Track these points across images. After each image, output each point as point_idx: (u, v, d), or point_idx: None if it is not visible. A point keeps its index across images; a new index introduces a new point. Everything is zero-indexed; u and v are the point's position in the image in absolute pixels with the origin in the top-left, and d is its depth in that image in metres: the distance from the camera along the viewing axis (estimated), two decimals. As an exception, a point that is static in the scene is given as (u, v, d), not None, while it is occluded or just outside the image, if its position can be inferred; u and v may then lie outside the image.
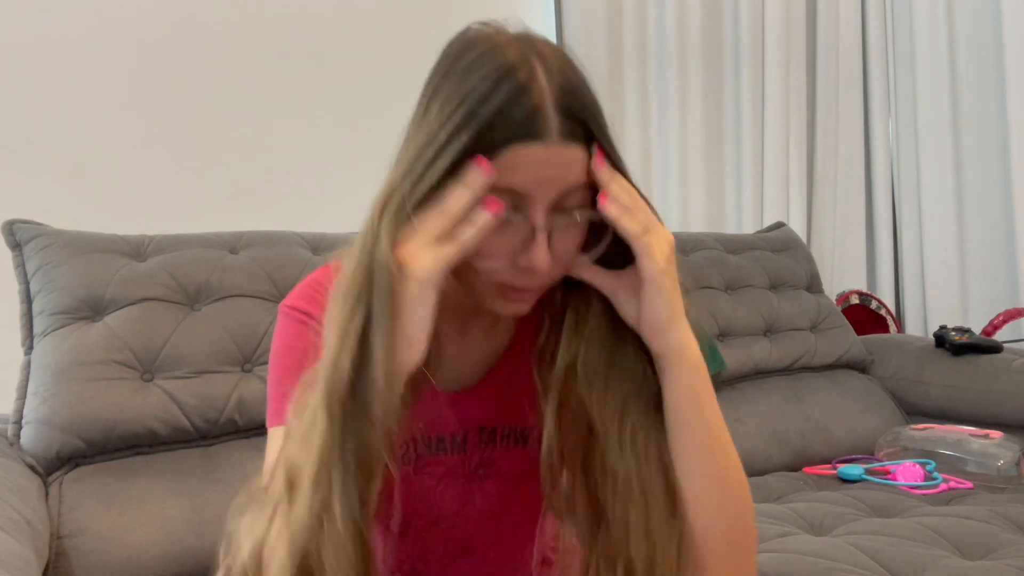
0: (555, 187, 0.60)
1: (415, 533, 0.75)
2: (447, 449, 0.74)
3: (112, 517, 1.12)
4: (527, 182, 0.59)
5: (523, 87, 0.59)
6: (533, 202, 0.60)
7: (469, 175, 0.58)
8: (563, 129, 0.60)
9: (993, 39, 2.34)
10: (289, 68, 1.94)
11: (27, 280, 1.26)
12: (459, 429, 0.74)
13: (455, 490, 0.74)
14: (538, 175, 0.59)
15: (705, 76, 2.42)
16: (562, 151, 0.60)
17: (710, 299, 1.88)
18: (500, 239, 0.60)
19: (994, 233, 2.38)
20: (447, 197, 0.58)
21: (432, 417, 0.73)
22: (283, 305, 0.73)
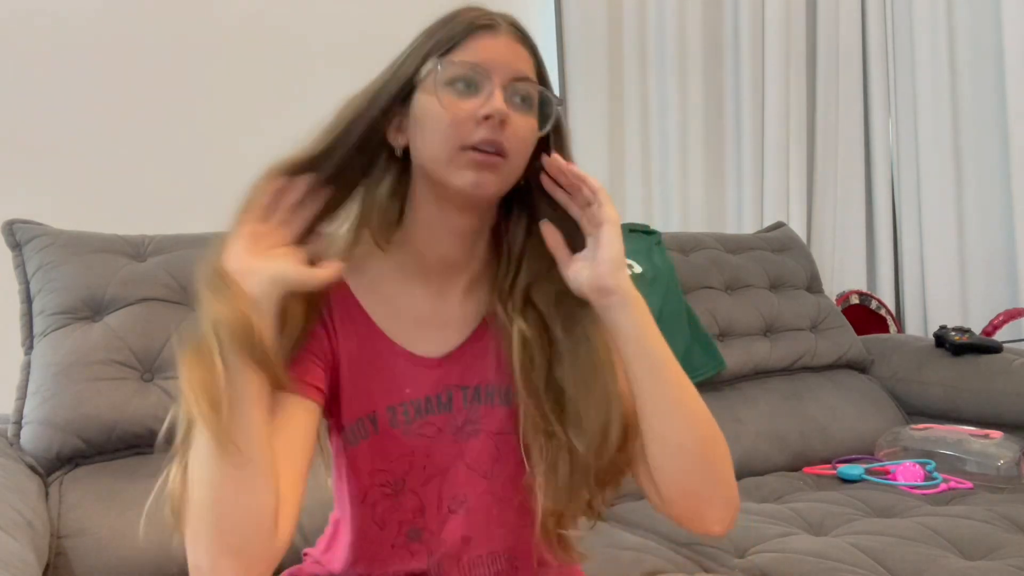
0: (508, 68, 0.74)
1: (411, 490, 0.79)
2: (434, 410, 0.79)
3: (112, 517, 1.12)
4: (484, 57, 0.73)
5: (480, 12, 0.76)
6: (491, 74, 0.73)
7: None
8: (512, 33, 0.76)
9: (993, 40, 2.34)
10: (290, 68, 1.94)
11: (27, 280, 1.26)
12: (445, 390, 0.79)
13: (445, 447, 0.79)
14: (493, 54, 0.74)
15: (705, 76, 2.43)
16: (512, 43, 0.75)
17: (710, 299, 1.88)
18: (467, 103, 0.72)
19: (994, 233, 2.38)
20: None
21: (418, 382, 0.79)
22: None
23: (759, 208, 2.49)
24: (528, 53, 0.76)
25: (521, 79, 0.75)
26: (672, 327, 1.74)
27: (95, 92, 1.73)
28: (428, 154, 0.74)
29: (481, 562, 0.81)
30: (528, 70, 0.76)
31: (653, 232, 1.93)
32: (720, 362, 1.76)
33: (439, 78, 0.73)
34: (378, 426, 0.78)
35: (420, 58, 0.75)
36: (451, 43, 0.74)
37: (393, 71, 0.77)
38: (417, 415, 0.78)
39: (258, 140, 1.91)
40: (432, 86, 0.73)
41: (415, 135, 0.76)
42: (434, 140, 0.73)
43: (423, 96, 0.74)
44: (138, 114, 1.77)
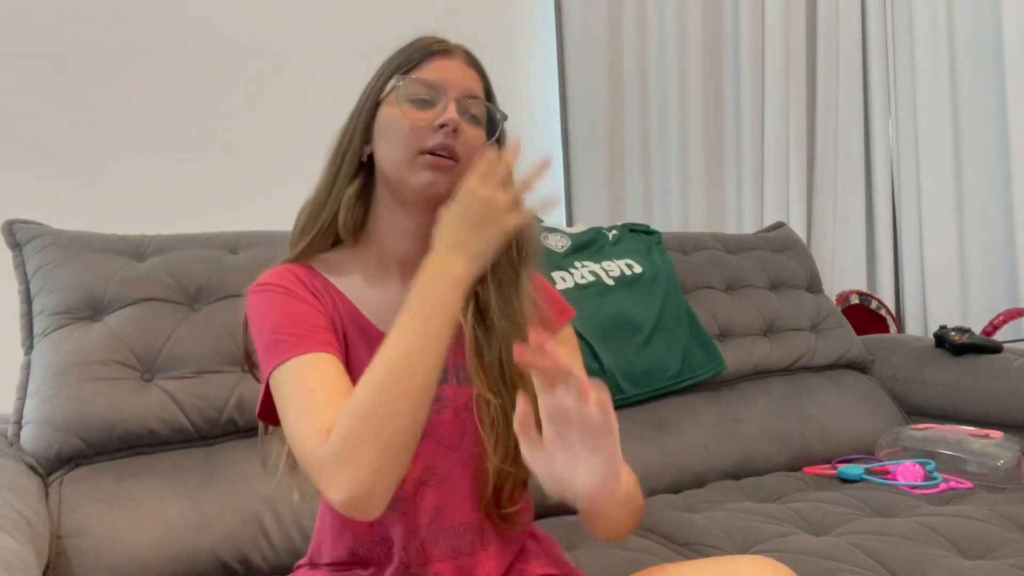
0: (460, 87, 0.86)
1: None
2: None
3: (112, 517, 1.12)
4: (440, 76, 0.86)
5: (433, 39, 0.89)
6: (446, 90, 0.85)
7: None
8: (465, 58, 0.89)
9: (993, 39, 2.34)
10: (291, 68, 1.94)
11: (27, 280, 1.26)
12: None
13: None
14: (447, 74, 0.86)
15: (705, 76, 2.43)
16: (464, 66, 0.88)
17: (710, 299, 1.88)
18: (425, 114, 0.84)
19: (994, 233, 2.38)
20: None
21: None
22: (248, 290, 0.87)
23: (759, 208, 2.49)
24: (478, 75, 0.90)
25: (472, 96, 0.87)
26: (672, 327, 1.74)
27: (95, 92, 1.73)
28: (390, 158, 0.85)
29: (452, 532, 0.86)
30: (478, 90, 0.88)
31: (653, 232, 1.93)
32: (720, 362, 1.76)
33: (401, 93, 0.85)
34: None
35: (385, 78, 0.88)
36: (411, 64, 0.87)
37: (364, 94, 0.90)
38: None
39: (258, 140, 1.91)
40: (395, 100, 0.86)
41: (379, 143, 0.87)
42: (396, 145, 0.84)
43: (387, 109, 0.87)
44: (138, 114, 1.78)
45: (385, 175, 0.86)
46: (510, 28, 2.29)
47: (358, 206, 0.88)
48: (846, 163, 2.60)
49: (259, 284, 0.85)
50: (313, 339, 0.79)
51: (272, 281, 0.85)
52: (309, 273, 0.88)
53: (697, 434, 1.64)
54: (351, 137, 0.89)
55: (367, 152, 0.88)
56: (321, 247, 0.90)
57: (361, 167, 0.89)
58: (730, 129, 2.50)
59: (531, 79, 2.31)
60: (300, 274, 0.86)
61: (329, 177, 0.90)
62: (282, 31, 1.94)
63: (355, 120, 0.89)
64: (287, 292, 0.83)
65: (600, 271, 1.75)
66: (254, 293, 0.85)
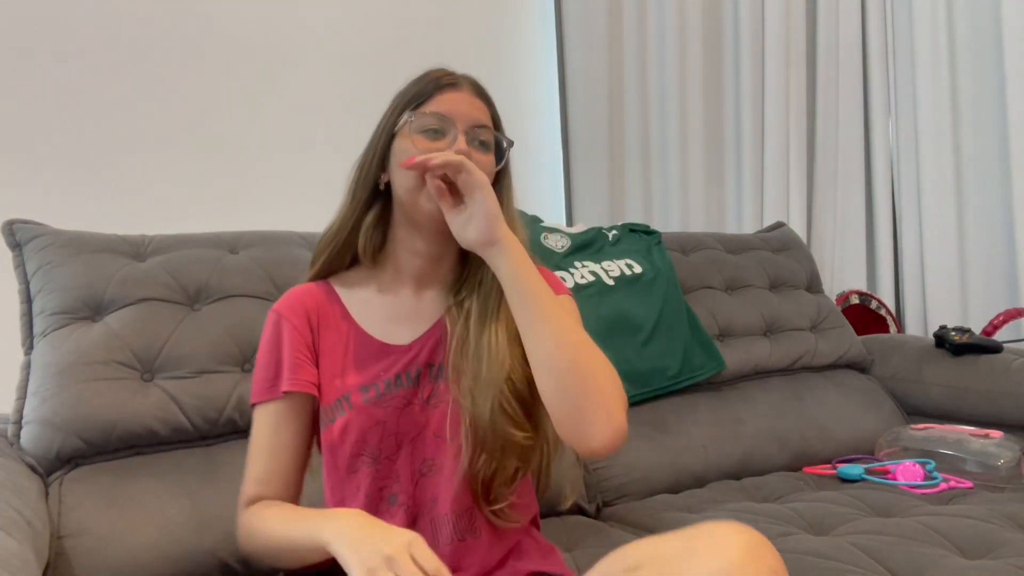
0: (469, 117, 0.94)
1: (386, 458, 0.94)
2: (403, 384, 0.95)
3: (112, 517, 1.12)
4: (450, 109, 0.93)
5: (442, 72, 0.97)
6: (455, 122, 0.93)
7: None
8: (472, 89, 0.97)
9: (993, 39, 2.34)
10: (292, 69, 1.94)
11: (27, 280, 1.26)
12: (413, 368, 0.95)
13: (413, 417, 0.94)
14: (456, 107, 0.94)
15: (705, 76, 2.43)
16: (472, 97, 0.96)
17: (710, 299, 1.88)
18: (436, 144, 0.92)
19: (994, 233, 2.38)
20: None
21: (388, 364, 0.95)
22: (271, 309, 0.99)
23: (759, 208, 2.49)
24: (485, 105, 0.97)
25: (480, 126, 0.94)
26: (672, 327, 1.74)
27: (95, 92, 1.73)
28: (404, 187, 0.93)
29: (447, 520, 0.92)
30: (485, 119, 0.96)
31: (653, 232, 1.93)
32: (720, 362, 1.76)
33: (412, 126, 0.93)
34: (351, 403, 0.93)
35: (397, 112, 0.96)
36: (422, 98, 0.95)
37: (380, 126, 0.98)
38: (387, 390, 0.94)
39: (259, 141, 1.91)
40: (408, 132, 0.93)
41: (394, 173, 0.95)
42: (408, 176, 0.92)
43: (400, 141, 0.94)
44: (139, 114, 1.78)
45: (400, 201, 0.95)
46: (510, 28, 2.29)
47: (376, 230, 0.98)
48: (846, 163, 2.60)
49: (273, 310, 0.99)
50: (278, 382, 0.94)
51: (280, 311, 0.98)
52: (322, 294, 0.99)
53: (697, 434, 1.64)
54: (368, 167, 0.96)
55: (384, 181, 0.96)
56: (340, 267, 1.01)
57: (378, 194, 0.97)
58: (730, 129, 2.50)
59: (531, 79, 2.31)
60: (308, 301, 0.98)
61: (350, 204, 0.98)
62: (284, 32, 1.94)
63: (371, 151, 0.97)
64: (287, 324, 0.96)
65: (600, 271, 1.75)
66: (269, 314, 0.99)
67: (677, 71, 2.38)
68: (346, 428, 0.93)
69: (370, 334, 0.97)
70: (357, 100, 2.02)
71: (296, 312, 0.97)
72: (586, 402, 0.85)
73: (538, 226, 1.83)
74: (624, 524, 1.38)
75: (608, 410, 0.85)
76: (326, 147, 1.98)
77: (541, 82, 2.33)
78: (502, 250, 0.89)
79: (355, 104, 2.03)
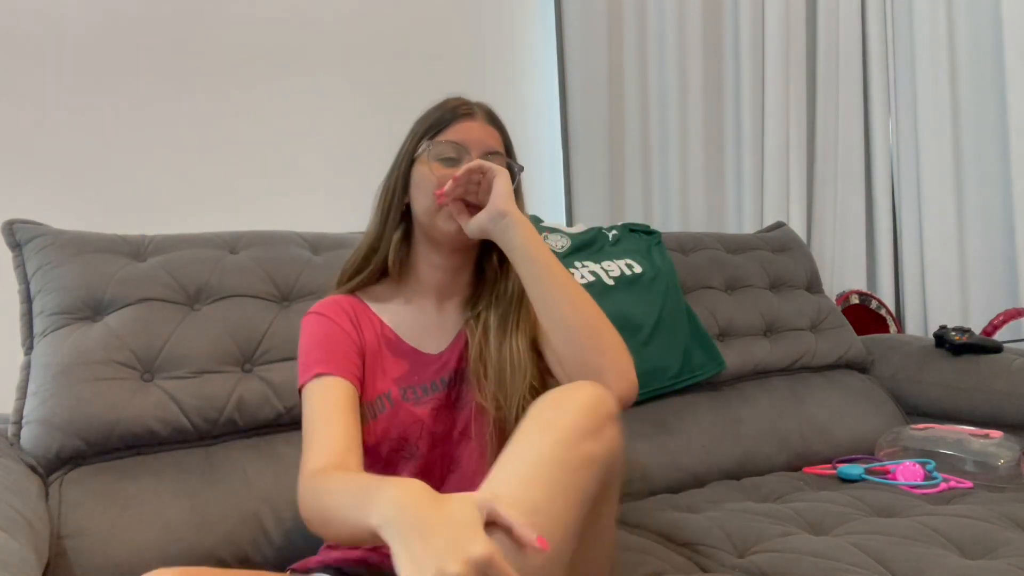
0: (482, 145, 1.02)
1: (420, 456, 1.02)
2: (435, 389, 1.03)
3: (112, 517, 1.12)
4: (463, 137, 1.02)
5: (462, 102, 1.06)
6: (469, 149, 1.01)
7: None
8: (486, 117, 1.06)
9: (993, 39, 2.34)
10: (291, 69, 1.94)
11: (27, 280, 1.26)
12: (444, 374, 1.04)
13: (445, 419, 1.03)
14: (469, 135, 1.02)
15: (705, 76, 2.43)
16: (486, 125, 1.04)
17: (710, 299, 1.88)
18: (452, 170, 0.99)
19: (994, 233, 2.38)
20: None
21: (423, 371, 1.04)
22: (304, 315, 1.05)
23: (759, 208, 2.49)
24: (498, 133, 1.06)
25: (492, 152, 1.03)
26: (672, 327, 1.74)
27: (95, 92, 1.73)
28: (423, 209, 1.02)
29: None
30: (498, 145, 1.04)
31: (653, 232, 1.93)
32: (720, 362, 1.76)
33: (430, 154, 1.02)
34: (393, 400, 1.01)
35: (417, 139, 1.04)
36: (439, 126, 1.03)
37: (401, 152, 1.06)
38: (424, 394, 1.02)
39: (258, 141, 1.91)
40: (425, 159, 1.02)
41: (414, 196, 1.04)
42: (426, 198, 1.01)
43: (419, 167, 1.03)
44: (138, 114, 1.78)
45: (420, 222, 1.04)
46: (510, 28, 2.29)
47: (403, 247, 1.07)
48: (846, 163, 2.60)
49: (312, 312, 1.04)
50: (332, 363, 0.97)
51: (321, 311, 1.03)
52: (355, 303, 1.06)
53: (697, 434, 1.64)
54: (393, 191, 1.05)
55: (406, 202, 1.05)
56: (369, 282, 1.09)
57: (403, 215, 1.06)
58: (730, 129, 2.50)
59: (531, 79, 2.31)
60: (345, 305, 1.05)
61: (378, 225, 1.06)
62: (284, 32, 1.94)
63: (394, 176, 1.05)
64: (330, 320, 1.02)
65: (600, 271, 1.75)
66: (307, 316, 1.04)
67: (677, 71, 2.38)
68: (390, 423, 0.99)
69: (406, 341, 1.05)
70: (359, 100, 2.02)
71: (338, 313, 1.03)
72: (601, 359, 0.94)
73: (538, 226, 1.83)
74: (624, 524, 1.38)
75: (620, 365, 0.95)
76: (327, 147, 1.98)
77: (541, 82, 2.33)
78: (513, 223, 0.97)
79: (357, 104, 2.03)
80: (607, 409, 0.82)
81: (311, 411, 0.95)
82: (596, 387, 0.84)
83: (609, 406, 0.83)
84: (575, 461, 0.76)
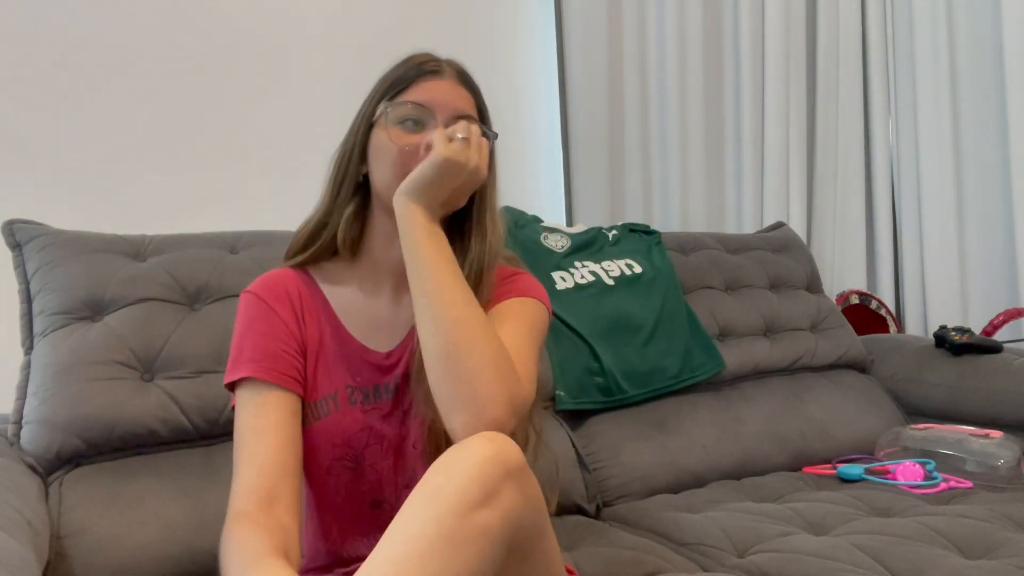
0: (450, 108, 0.88)
1: (370, 466, 0.91)
2: (382, 395, 0.92)
3: (112, 517, 1.12)
4: (429, 98, 0.88)
5: (428, 58, 0.92)
6: (434, 112, 0.88)
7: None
8: (454, 76, 0.91)
9: (993, 40, 2.34)
10: (292, 70, 1.94)
11: (27, 280, 1.26)
12: (390, 378, 0.92)
13: (395, 427, 0.91)
14: (436, 95, 0.88)
15: (705, 76, 2.43)
16: (455, 86, 0.90)
17: (710, 299, 1.88)
18: (413, 137, 0.88)
19: (994, 233, 2.38)
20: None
21: (369, 372, 0.92)
22: (243, 291, 0.93)
23: (759, 208, 2.49)
24: (469, 94, 0.92)
25: (463, 116, 0.89)
26: (672, 327, 1.74)
27: (95, 92, 1.73)
28: (382, 181, 0.89)
29: None
30: (469, 108, 0.90)
31: (653, 232, 1.93)
32: (720, 362, 1.76)
33: (389, 117, 0.89)
34: (339, 404, 0.90)
35: (375, 100, 0.91)
36: (401, 85, 0.90)
37: (358, 115, 0.93)
38: (367, 400, 0.91)
39: (258, 141, 1.91)
40: (384, 123, 0.89)
41: (372, 165, 0.91)
42: (385, 169, 0.88)
43: (378, 132, 0.90)
44: (138, 114, 1.78)
45: (379, 195, 0.91)
46: (510, 28, 2.29)
47: (355, 223, 0.93)
48: (846, 163, 2.60)
49: (251, 290, 0.93)
50: (265, 363, 0.87)
51: (261, 294, 0.92)
52: (304, 282, 0.95)
53: (697, 434, 1.64)
54: (348, 159, 0.93)
55: (363, 172, 0.92)
56: (320, 259, 0.96)
57: (359, 186, 0.93)
58: (730, 129, 2.50)
59: (531, 79, 2.31)
60: (291, 287, 0.93)
61: (330, 197, 0.94)
62: (283, 33, 1.94)
63: (350, 142, 0.93)
64: (268, 308, 0.91)
65: (600, 271, 1.75)
66: (244, 295, 0.93)
67: (677, 71, 2.38)
68: (334, 428, 0.89)
69: (353, 335, 0.93)
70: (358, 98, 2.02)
71: (279, 299, 0.91)
72: (453, 388, 0.77)
73: (538, 226, 1.83)
74: (624, 524, 1.38)
75: (488, 391, 0.76)
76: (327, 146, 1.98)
77: (541, 82, 2.33)
78: (404, 206, 0.84)
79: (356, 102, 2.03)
80: (504, 468, 0.69)
81: (241, 427, 0.86)
82: (491, 442, 0.71)
83: (508, 462, 0.70)
84: (463, 535, 0.65)
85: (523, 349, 0.85)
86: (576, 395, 1.59)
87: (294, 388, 0.88)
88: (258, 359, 0.87)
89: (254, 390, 0.86)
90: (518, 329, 0.87)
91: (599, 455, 1.55)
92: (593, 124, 2.31)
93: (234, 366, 0.88)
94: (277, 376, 0.86)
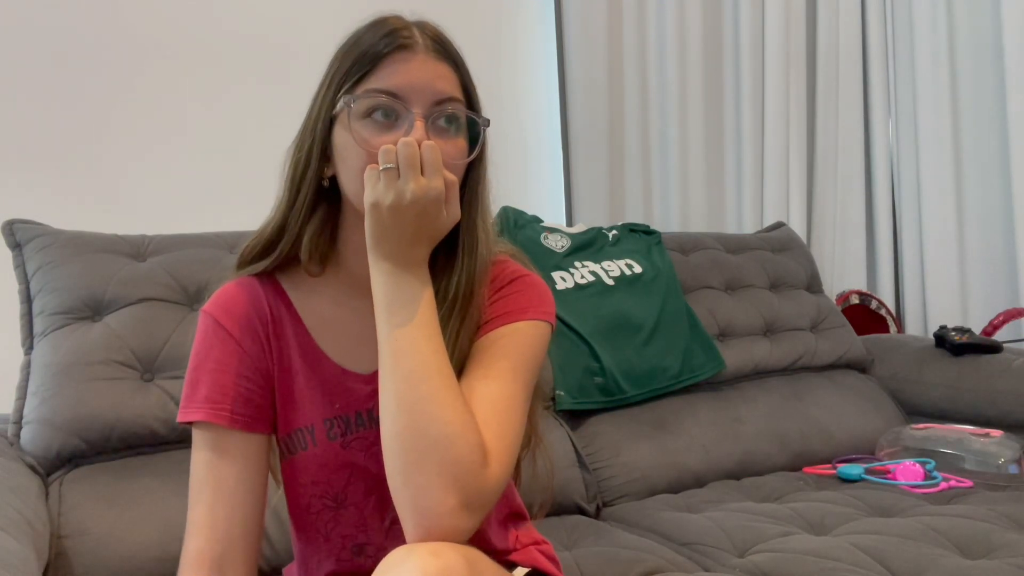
0: (428, 92, 0.71)
1: (352, 504, 0.80)
2: (365, 424, 0.79)
3: (112, 517, 1.12)
4: (401, 82, 0.70)
5: (395, 27, 0.73)
6: (409, 102, 0.70)
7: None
8: (430, 48, 0.73)
9: (993, 40, 2.34)
10: (293, 69, 1.94)
11: (27, 280, 1.26)
12: (375, 403, 0.74)
13: (379, 459, 0.73)
14: (410, 77, 0.71)
15: (705, 76, 2.43)
16: (432, 61, 0.72)
17: (710, 299, 1.88)
18: (385, 137, 0.70)
19: (994, 233, 2.38)
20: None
21: (350, 396, 0.79)
22: (201, 309, 0.81)
23: (759, 208, 2.49)
24: (450, 69, 0.74)
25: (444, 100, 0.72)
26: (672, 327, 1.74)
27: (96, 92, 1.73)
28: (350, 188, 0.73)
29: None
30: (451, 89, 0.73)
31: (653, 232, 1.93)
32: (720, 362, 1.76)
33: (353, 113, 0.71)
34: (316, 439, 0.79)
35: (335, 89, 0.73)
36: (364, 69, 0.72)
37: (313, 105, 0.76)
38: (350, 430, 0.79)
39: (257, 141, 1.91)
40: (347, 121, 0.72)
41: (339, 168, 0.74)
42: (353, 176, 0.72)
43: (340, 130, 0.73)
44: (139, 114, 1.77)
45: (350, 201, 0.75)
46: (510, 28, 2.29)
47: (322, 237, 0.78)
48: (846, 163, 2.60)
49: (209, 311, 0.80)
50: (224, 404, 0.76)
51: (220, 318, 0.79)
52: (271, 293, 0.81)
53: (697, 434, 1.64)
54: (307, 160, 0.75)
55: (328, 174, 0.76)
56: (284, 266, 0.82)
57: (322, 190, 0.77)
58: (730, 129, 2.50)
59: (531, 79, 2.31)
60: (257, 305, 0.80)
61: (286, 204, 0.77)
62: (283, 32, 1.94)
63: (308, 140, 0.75)
64: (226, 335, 0.78)
65: (600, 271, 1.75)
66: (202, 314, 0.80)
67: (677, 71, 2.38)
68: (310, 464, 0.79)
69: (329, 356, 0.80)
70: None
71: (240, 322, 0.78)
72: (404, 495, 0.66)
73: (538, 226, 1.83)
74: (624, 524, 1.38)
75: (431, 515, 0.64)
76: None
77: (541, 82, 2.33)
78: (373, 265, 0.71)
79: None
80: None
81: (197, 474, 0.76)
82: (435, 557, 0.61)
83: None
84: None
85: (510, 400, 0.73)
86: (576, 395, 1.59)
87: (258, 429, 0.77)
88: (216, 399, 0.76)
89: (212, 434, 0.76)
90: (504, 373, 0.74)
91: (599, 455, 1.55)
92: (593, 124, 2.31)
93: (187, 404, 0.77)
94: (236, 421, 0.76)
